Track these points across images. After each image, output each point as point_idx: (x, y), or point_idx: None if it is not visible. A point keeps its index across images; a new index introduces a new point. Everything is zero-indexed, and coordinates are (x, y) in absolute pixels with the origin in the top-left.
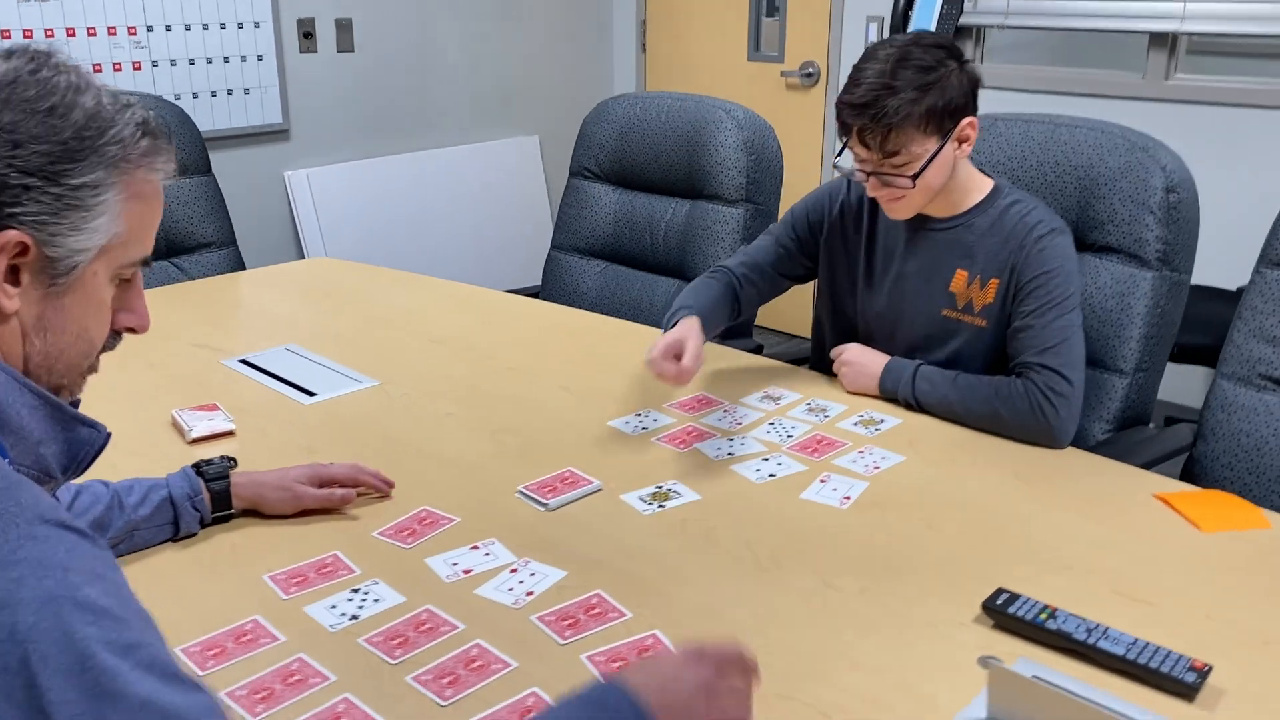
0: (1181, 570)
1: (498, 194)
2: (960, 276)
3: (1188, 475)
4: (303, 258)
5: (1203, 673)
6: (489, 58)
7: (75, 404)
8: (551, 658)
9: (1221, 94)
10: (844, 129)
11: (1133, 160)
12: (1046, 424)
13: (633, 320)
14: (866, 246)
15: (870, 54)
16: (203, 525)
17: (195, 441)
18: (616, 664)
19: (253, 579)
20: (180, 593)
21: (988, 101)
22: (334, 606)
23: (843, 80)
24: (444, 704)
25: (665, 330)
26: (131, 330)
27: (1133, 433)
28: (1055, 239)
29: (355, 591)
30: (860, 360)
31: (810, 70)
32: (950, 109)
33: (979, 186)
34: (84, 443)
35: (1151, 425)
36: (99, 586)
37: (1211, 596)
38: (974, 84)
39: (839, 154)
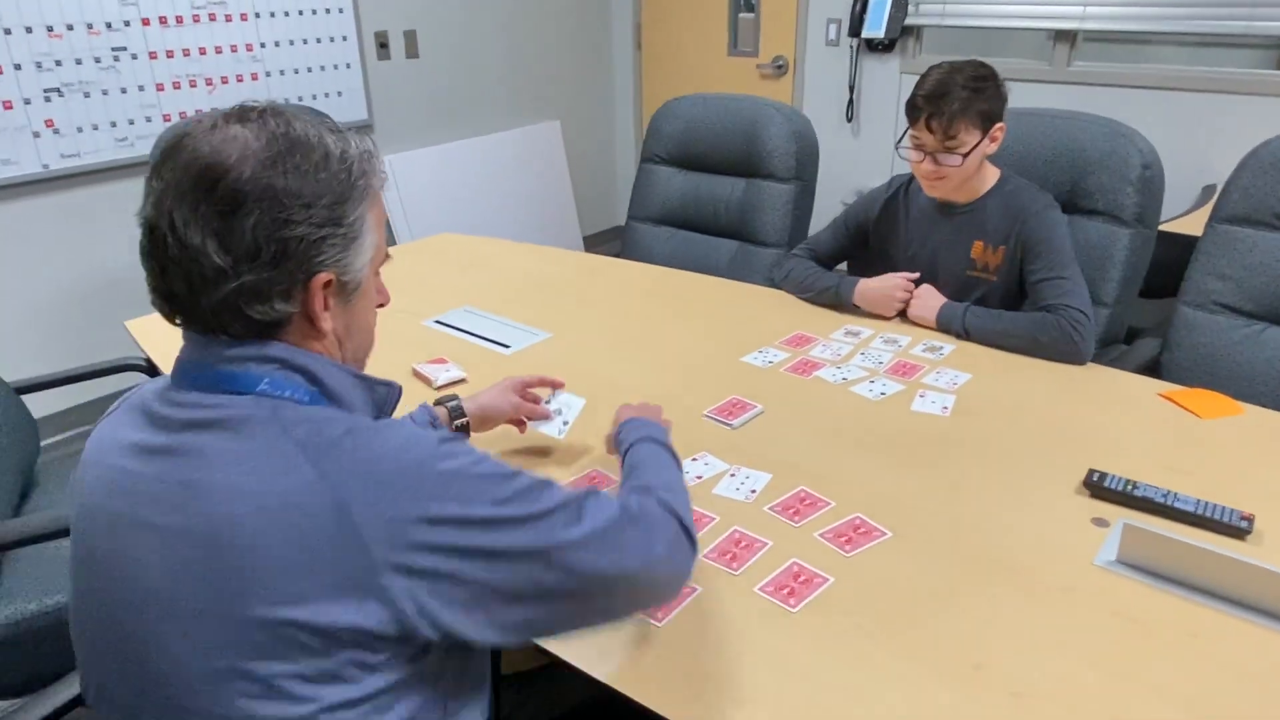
0: (1199, 448)
1: (531, 170)
2: (978, 246)
3: (1157, 377)
4: (391, 231)
5: (1250, 520)
6: (519, 58)
7: None
8: (794, 536)
9: (1110, 77)
10: (913, 117)
11: (1116, 145)
12: (1075, 347)
13: (700, 274)
14: (905, 229)
15: (934, 67)
16: None
17: (441, 388)
18: (842, 538)
19: None
20: None
21: None
22: None
23: (807, 69)
24: (735, 573)
25: (809, 285)
26: (383, 305)
27: (1111, 349)
28: (1048, 212)
29: None
30: (927, 296)
31: (780, 63)
32: (991, 113)
33: (990, 176)
34: (385, 399)
35: None
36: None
37: (1229, 465)
38: (1005, 100)
39: (899, 142)
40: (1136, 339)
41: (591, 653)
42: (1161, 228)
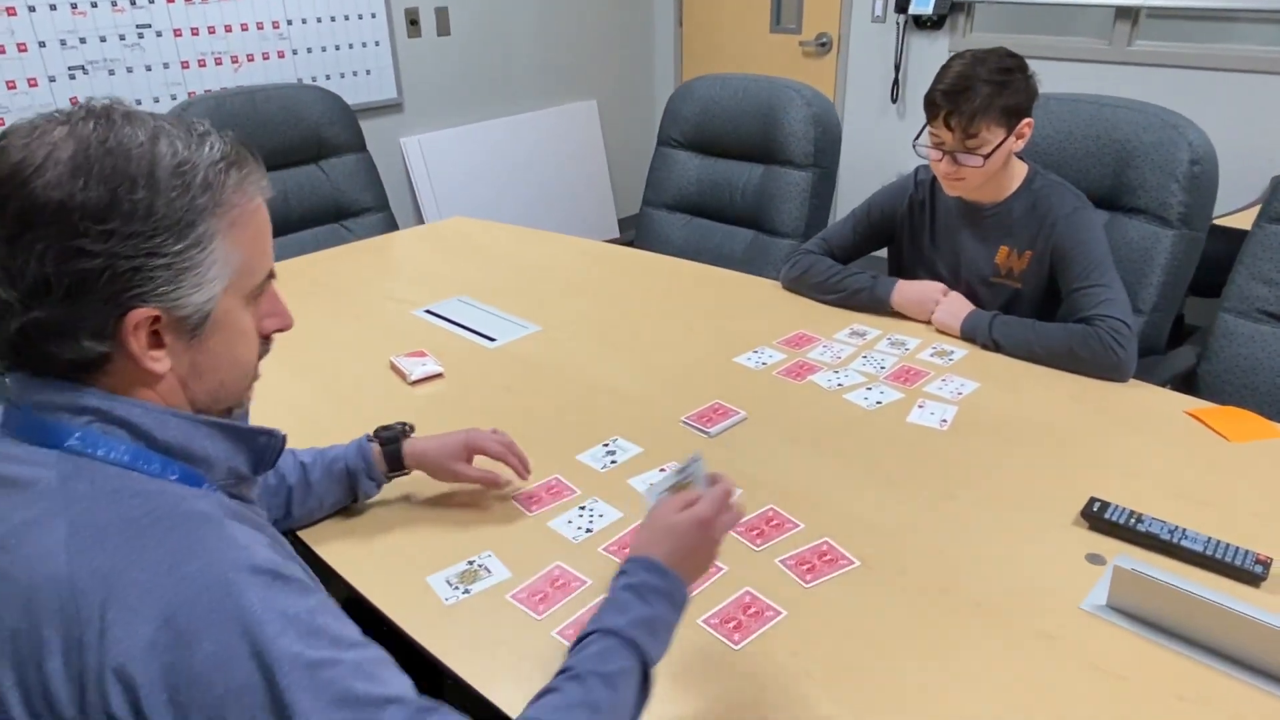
0: (1223, 475)
1: (566, 150)
2: (1004, 251)
3: (1193, 390)
4: (419, 209)
5: (1266, 564)
6: (555, 34)
7: (246, 414)
8: (752, 562)
9: (1175, 58)
10: (932, 114)
11: (1164, 136)
12: (1117, 361)
13: (714, 264)
14: (930, 229)
15: (956, 56)
16: (380, 486)
17: (415, 383)
18: (804, 566)
19: (498, 500)
20: (438, 517)
21: None
22: (570, 521)
23: (852, 48)
24: None
25: (833, 282)
26: (279, 330)
27: (1144, 359)
28: (1080, 213)
29: (582, 509)
30: (953, 305)
31: (824, 40)
32: (1017, 109)
33: (1018, 173)
34: (265, 448)
35: None
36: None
37: (1254, 497)
38: (1035, 94)
39: (917, 137)
40: (1189, 338)
41: (506, 682)
42: (1223, 221)
